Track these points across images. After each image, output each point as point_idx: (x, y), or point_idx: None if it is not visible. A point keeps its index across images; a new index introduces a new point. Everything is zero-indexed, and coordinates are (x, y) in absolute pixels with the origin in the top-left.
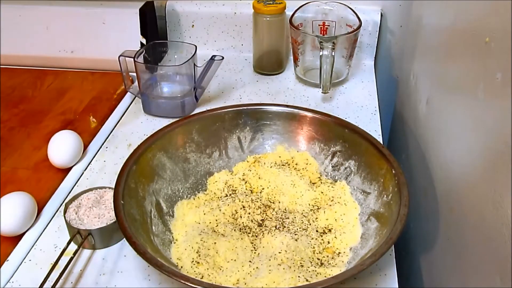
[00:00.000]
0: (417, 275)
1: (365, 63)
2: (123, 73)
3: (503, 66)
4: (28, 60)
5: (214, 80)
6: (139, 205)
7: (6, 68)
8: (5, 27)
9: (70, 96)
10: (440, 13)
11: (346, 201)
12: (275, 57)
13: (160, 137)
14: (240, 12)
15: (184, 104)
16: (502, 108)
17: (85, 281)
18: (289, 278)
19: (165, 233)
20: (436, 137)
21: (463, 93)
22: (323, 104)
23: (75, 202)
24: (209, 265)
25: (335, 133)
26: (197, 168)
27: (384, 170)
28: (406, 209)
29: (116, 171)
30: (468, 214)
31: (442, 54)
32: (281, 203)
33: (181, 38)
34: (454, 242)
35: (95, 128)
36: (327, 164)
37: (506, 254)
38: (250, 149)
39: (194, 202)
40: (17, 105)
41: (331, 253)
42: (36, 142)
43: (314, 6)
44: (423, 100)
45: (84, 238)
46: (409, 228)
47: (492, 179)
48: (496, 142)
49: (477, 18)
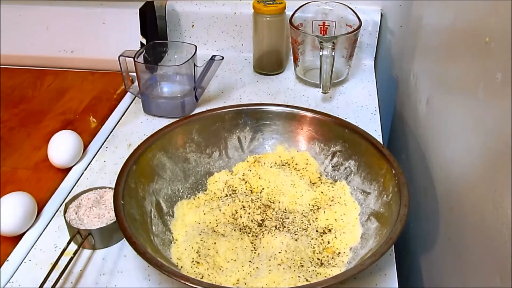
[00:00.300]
0: (417, 275)
1: (365, 63)
2: (123, 73)
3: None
4: (28, 60)
5: (214, 80)
6: (139, 205)
7: (6, 68)
8: (5, 27)
9: (70, 96)
10: (440, 13)
11: (346, 201)
12: (275, 57)
13: (160, 137)
14: (240, 12)
15: (184, 104)
16: (502, 108)
17: (85, 281)
18: (289, 278)
19: (165, 233)
20: (436, 137)
21: (463, 93)
22: (323, 104)
23: (75, 202)
24: (209, 265)
25: (335, 133)
26: (197, 168)
27: (384, 170)
28: (406, 209)
29: (116, 171)
30: (468, 214)
31: (442, 54)
32: (281, 203)
33: (181, 38)
34: (454, 242)
35: (95, 128)
36: (327, 164)
37: (506, 254)
38: (250, 149)
39: (194, 202)
40: (17, 105)
41: (331, 253)
42: (36, 142)
43: (314, 6)
44: (423, 100)
45: (84, 238)
46: (409, 228)
47: (492, 179)
48: (496, 142)
49: (477, 18)
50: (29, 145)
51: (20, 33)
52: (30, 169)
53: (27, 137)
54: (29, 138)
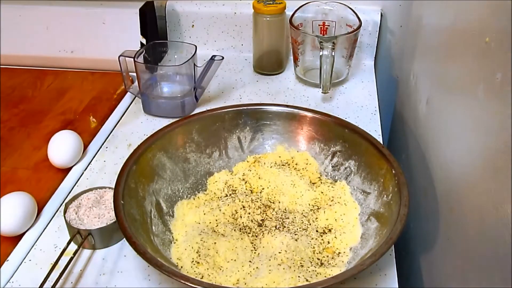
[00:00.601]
0: (417, 275)
1: (365, 63)
2: (123, 73)
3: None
4: (28, 60)
5: (214, 80)
6: (139, 205)
7: (6, 68)
8: (5, 27)
9: (70, 96)
10: (440, 13)
11: (346, 201)
12: (275, 57)
13: (160, 137)
14: (240, 12)
15: (184, 104)
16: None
17: (85, 281)
18: (289, 278)
19: (165, 233)
20: (436, 137)
21: (463, 93)
22: (323, 104)
23: (75, 202)
24: (209, 265)
25: (335, 133)
26: (197, 168)
27: (384, 170)
28: (406, 209)
29: (116, 171)
30: (468, 214)
31: (442, 54)
32: (281, 203)
33: (181, 38)
34: (454, 242)
35: (95, 128)
36: (327, 164)
37: (506, 254)
38: (250, 149)
39: (194, 202)
40: (17, 105)
41: (331, 253)
42: (36, 142)
43: (314, 6)
44: (423, 100)
45: (84, 238)
46: (409, 228)
47: (492, 179)
48: (496, 142)
49: (477, 18)
50: (29, 145)
51: (20, 33)
52: (30, 169)
53: (27, 137)
54: (29, 138)
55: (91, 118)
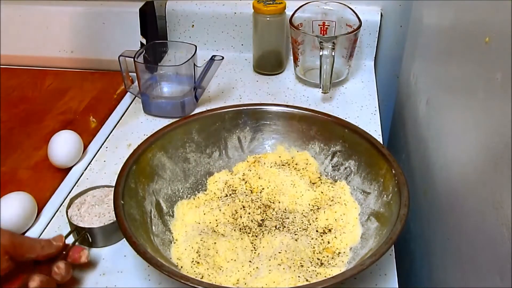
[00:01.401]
0: (417, 275)
1: (365, 63)
2: (123, 73)
3: (503, 66)
4: (28, 60)
5: (214, 80)
6: (139, 205)
7: (6, 68)
8: (5, 27)
9: (70, 96)
10: (440, 13)
11: (346, 201)
12: (275, 57)
13: (160, 137)
14: (240, 12)
15: (184, 104)
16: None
17: (85, 281)
18: (289, 278)
19: (165, 233)
20: (436, 137)
21: (463, 93)
22: (323, 104)
23: (80, 198)
24: (209, 265)
25: (335, 133)
26: (197, 168)
27: (384, 170)
28: (406, 209)
29: (116, 171)
30: (468, 214)
31: (442, 54)
32: (281, 203)
33: (181, 38)
34: (454, 242)
35: (95, 128)
36: (327, 164)
37: (506, 254)
38: (250, 149)
39: (194, 202)
40: (17, 105)
41: (331, 253)
42: (36, 142)
43: (314, 6)
44: (423, 100)
45: (80, 236)
46: (409, 228)
47: (492, 179)
48: (496, 142)
49: (477, 18)
50: (29, 145)
51: (20, 33)
52: (30, 169)
53: (27, 137)
54: (29, 138)
55: (91, 118)
